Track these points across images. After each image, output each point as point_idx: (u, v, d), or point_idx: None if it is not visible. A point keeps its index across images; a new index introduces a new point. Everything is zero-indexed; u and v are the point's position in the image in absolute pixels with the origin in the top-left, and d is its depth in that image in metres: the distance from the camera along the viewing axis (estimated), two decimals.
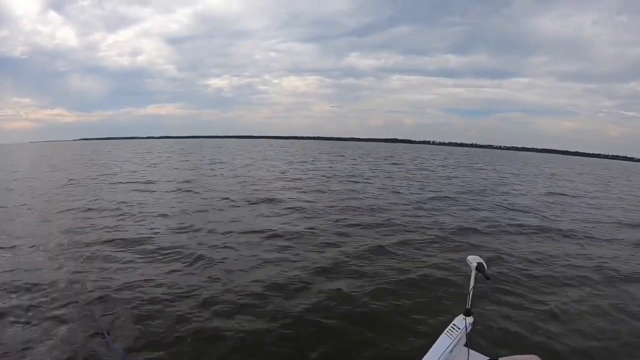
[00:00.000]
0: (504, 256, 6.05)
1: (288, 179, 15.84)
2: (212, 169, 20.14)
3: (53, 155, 40.21)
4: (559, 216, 9.96)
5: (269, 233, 6.89)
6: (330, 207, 9.67)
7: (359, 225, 7.79)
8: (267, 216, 8.49)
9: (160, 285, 4.53)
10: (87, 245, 6.06)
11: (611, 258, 6.34)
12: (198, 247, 5.99)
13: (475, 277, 2.20)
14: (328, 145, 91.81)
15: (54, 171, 19.72)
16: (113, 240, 6.34)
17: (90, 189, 12.41)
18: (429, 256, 5.96)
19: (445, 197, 12.02)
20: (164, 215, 8.35)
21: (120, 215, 8.32)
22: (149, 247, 6.00)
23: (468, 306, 2.22)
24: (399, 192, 12.81)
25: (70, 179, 15.33)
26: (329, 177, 17.27)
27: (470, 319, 2.19)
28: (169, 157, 33.10)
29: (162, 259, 5.47)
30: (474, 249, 6.48)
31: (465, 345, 2.16)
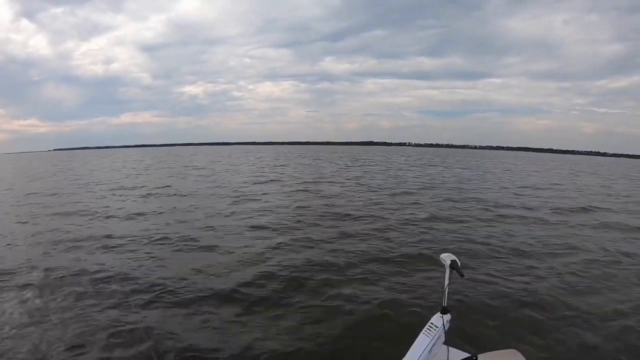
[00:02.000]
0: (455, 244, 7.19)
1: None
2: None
3: (27, 167, 40.50)
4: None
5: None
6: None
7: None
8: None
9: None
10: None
11: (544, 236, 7.90)
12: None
13: (450, 275, 2.21)
14: (303, 150, 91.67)
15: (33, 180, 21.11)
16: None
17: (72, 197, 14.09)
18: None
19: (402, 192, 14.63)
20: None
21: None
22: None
23: (444, 304, 2.24)
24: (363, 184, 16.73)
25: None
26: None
27: (447, 317, 2.22)
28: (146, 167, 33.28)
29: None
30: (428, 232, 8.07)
31: (445, 343, 2.18)
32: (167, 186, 16.65)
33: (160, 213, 10.51)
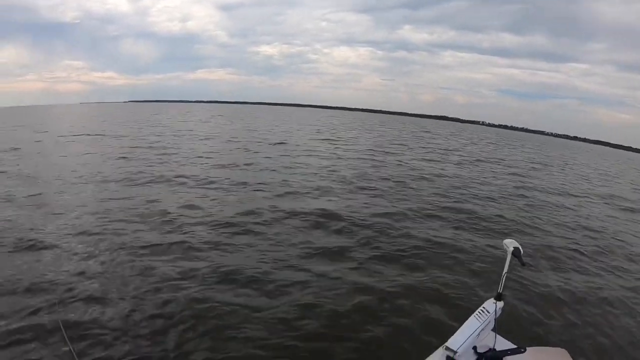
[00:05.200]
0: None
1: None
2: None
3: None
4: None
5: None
6: None
7: None
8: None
9: None
10: None
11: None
12: None
13: (511, 262, 2.18)
14: (378, 118, 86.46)
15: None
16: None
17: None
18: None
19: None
20: None
21: None
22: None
23: (500, 290, 2.19)
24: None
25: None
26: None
27: (500, 304, 2.16)
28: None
29: None
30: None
31: (493, 330, 2.12)
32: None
33: None
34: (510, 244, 2.18)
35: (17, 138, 16.54)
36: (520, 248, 2.16)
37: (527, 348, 2.08)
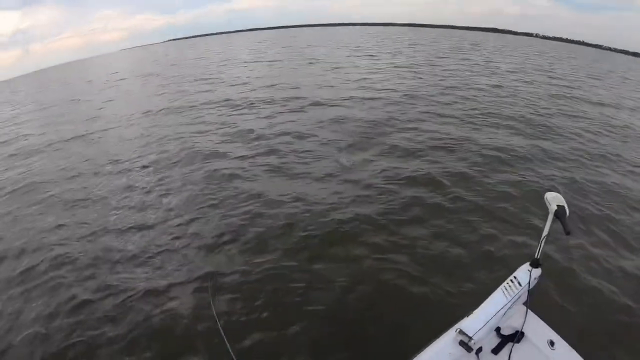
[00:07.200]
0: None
1: None
2: None
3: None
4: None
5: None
6: None
7: None
8: None
9: None
10: None
11: None
12: None
13: (552, 223, 1.81)
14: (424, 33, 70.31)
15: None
16: None
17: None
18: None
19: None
20: None
21: None
22: None
23: (537, 256, 1.82)
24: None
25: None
26: None
27: (537, 272, 1.80)
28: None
29: None
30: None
31: (525, 304, 1.78)
32: None
33: None
34: (553, 200, 1.81)
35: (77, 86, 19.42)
36: (566, 207, 1.77)
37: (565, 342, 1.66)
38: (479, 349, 1.65)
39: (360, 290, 3.18)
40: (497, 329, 1.73)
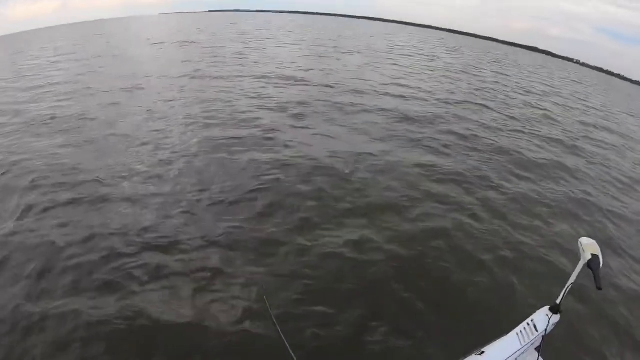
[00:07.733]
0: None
1: None
2: None
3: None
4: None
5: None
6: None
7: None
8: None
9: None
10: None
11: None
12: None
13: (582, 271, 1.69)
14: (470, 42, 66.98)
15: None
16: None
17: None
18: None
19: None
20: None
21: None
22: None
23: (559, 302, 1.74)
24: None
25: None
26: None
27: (555, 318, 1.73)
28: None
29: None
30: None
31: (537, 349, 1.73)
32: None
33: None
34: (587, 247, 1.64)
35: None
36: (601, 258, 1.59)
37: None
38: None
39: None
40: None
